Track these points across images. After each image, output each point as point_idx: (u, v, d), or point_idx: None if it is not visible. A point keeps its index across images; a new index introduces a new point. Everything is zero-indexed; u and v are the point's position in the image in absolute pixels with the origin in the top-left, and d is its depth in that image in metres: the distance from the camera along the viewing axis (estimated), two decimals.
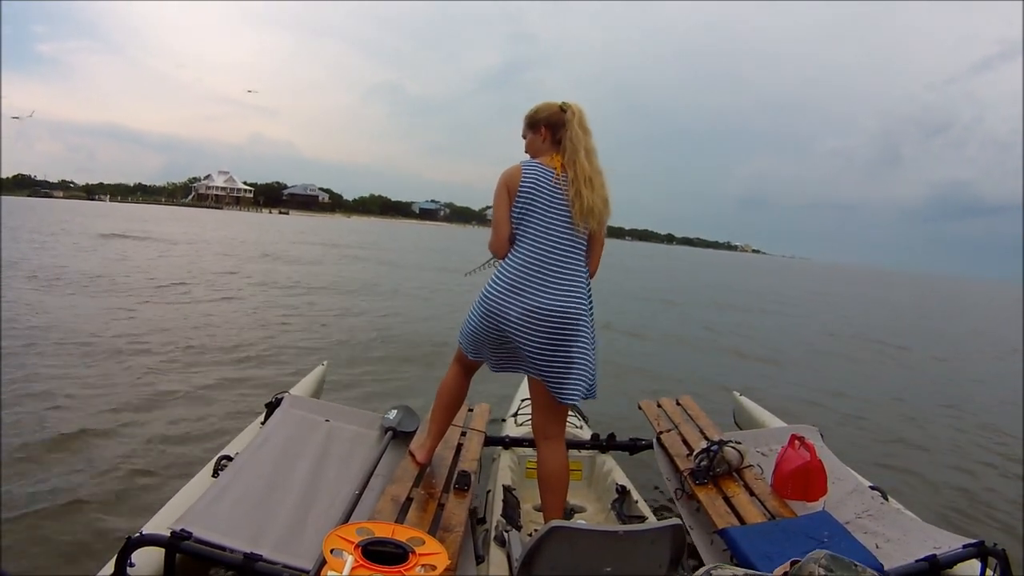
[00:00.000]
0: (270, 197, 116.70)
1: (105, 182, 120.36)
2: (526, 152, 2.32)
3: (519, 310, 2.12)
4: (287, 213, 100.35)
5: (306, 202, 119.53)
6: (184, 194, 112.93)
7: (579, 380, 2.16)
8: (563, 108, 2.24)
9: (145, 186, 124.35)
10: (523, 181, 2.18)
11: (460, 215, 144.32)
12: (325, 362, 4.10)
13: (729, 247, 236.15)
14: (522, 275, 2.15)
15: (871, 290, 36.40)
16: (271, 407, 2.80)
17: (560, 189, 2.19)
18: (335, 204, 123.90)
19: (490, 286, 2.21)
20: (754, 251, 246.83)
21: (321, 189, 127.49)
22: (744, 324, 12.86)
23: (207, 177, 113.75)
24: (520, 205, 2.18)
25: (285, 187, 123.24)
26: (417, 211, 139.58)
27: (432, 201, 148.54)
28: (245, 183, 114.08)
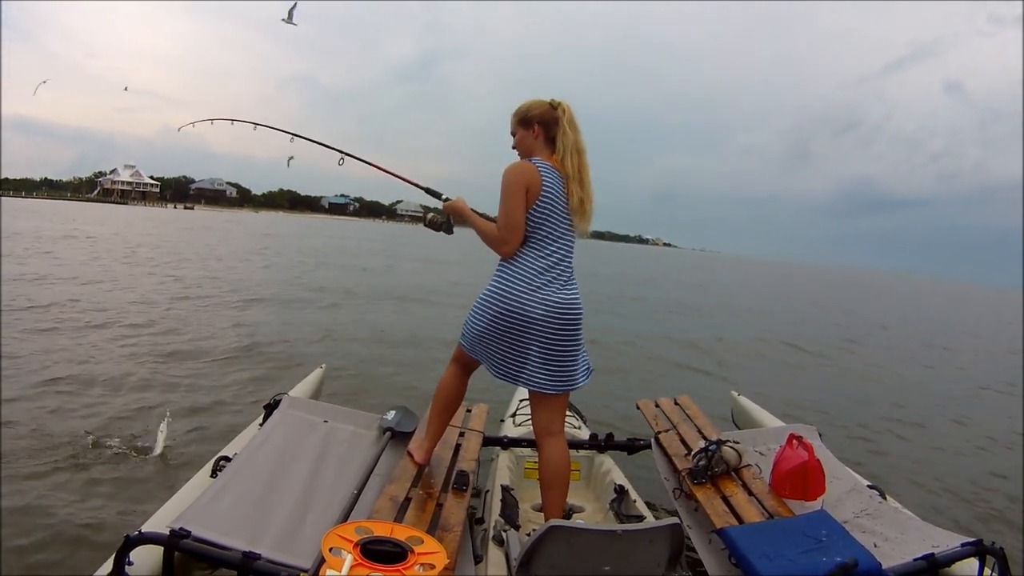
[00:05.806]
0: (177, 192, 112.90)
1: (11, 177, 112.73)
2: (515, 149, 2.34)
3: (542, 308, 2.16)
4: (192, 208, 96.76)
5: (214, 197, 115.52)
6: (90, 189, 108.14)
7: (583, 365, 2.29)
8: (554, 106, 2.27)
9: (52, 181, 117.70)
10: (544, 185, 2.20)
11: (370, 209, 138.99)
12: (323, 365, 4.09)
13: (640, 240, 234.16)
14: (544, 275, 2.19)
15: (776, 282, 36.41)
16: (269, 408, 2.80)
17: (566, 191, 2.26)
18: (243, 199, 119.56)
19: (506, 286, 2.20)
20: (665, 244, 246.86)
21: (229, 183, 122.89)
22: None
23: (113, 172, 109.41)
24: (542, 209, 2.20)
25: (193, 181, 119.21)
26: (327, 205, 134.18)
27: (342, 195, 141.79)
28: (152, 177, 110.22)
